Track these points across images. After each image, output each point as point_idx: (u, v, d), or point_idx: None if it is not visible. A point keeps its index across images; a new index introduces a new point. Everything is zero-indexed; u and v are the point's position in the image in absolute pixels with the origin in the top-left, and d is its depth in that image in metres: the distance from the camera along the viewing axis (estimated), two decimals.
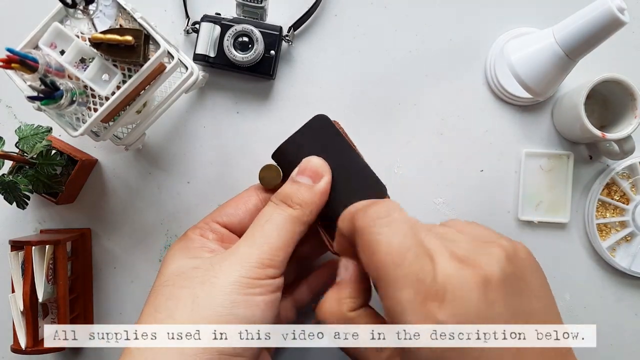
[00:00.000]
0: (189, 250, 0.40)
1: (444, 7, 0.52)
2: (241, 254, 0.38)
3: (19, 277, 0.46)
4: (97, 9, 0.38)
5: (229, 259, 0.37)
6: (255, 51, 0.48)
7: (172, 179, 0.52)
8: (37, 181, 0.45)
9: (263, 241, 0.38)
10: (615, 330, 0.52)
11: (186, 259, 0.39)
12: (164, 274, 0.39)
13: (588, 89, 0.46)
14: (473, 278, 0.30)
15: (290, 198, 0.40)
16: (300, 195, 0.40)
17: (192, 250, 0.40)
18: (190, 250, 0.40)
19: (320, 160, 0.41)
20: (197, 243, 0.41)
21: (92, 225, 0.52)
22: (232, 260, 0.37)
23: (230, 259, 0.37)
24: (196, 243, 0.41)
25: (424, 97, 0.52)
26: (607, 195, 0.52)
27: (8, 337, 0.48)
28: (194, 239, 0.41)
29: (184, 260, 0.39)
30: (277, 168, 0.43)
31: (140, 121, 0.46)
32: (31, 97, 0.36)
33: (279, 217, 0.39)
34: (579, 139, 0.51)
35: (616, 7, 0.39)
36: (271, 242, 0.38)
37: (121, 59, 0.38)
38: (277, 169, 0.43)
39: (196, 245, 0.41)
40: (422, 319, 0.30)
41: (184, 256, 0.40)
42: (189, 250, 0.40)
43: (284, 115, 0.52)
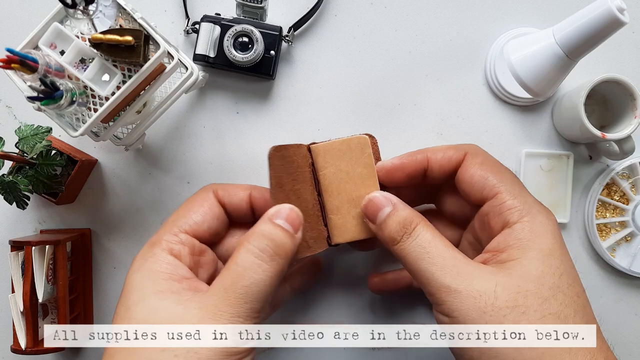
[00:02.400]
0: (156, 282, 0.36)
1: (444, 7, 0.52)
2: (222, 319, 0.34)
3: (19, 277, 0.46)
4: (97, 9, 0.38)
5: (206, 321, 0.34)
6: (255, 51, 0.48)
7: (172, 179, 0.52)
8: (37, 181, 0.45)
9: (247, 307, 0.35)
10: (615, 330, 0.52)
11: (155, 298, 0.35)
12: (128, 317, 0.35)
13: (588, 89, 0.46)
14: None
15: (281, 251, 0.37)
16: (284, 246, 0.37)
17: (160, 281, 0.36)
18: (157, 282, 0.36)
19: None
20: (165, 267, 0.37)
21: (92, 225, 0.52)
22: (211, 327, 0.34)
23: (208, 323, 0.34)
24: (164, 266, 0.37)
25: (424, 97, 0.52)
26: (607, 196, 0.52)
27: (8, 337, 0.48)
28: (162, 259, 0.37)
29: (152, 301, 0.35)
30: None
31: (140, 121, 0.46)
32: (31, 98, 0.36)
33: (262, 276, 0.35)
34: (579, 139, 0.51)
35: (616, 7, 0.39)
36: (254, 306, 0.35)
37: (121, 59, 0.38)
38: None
39: (164, 270, 0.37)
40: None
41: (151, 291, 0.36)
42: (156, 281, 0.36)
43: (284, 115, 0.52)
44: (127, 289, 0.37)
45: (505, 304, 0.34)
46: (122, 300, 0.36)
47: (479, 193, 0.40)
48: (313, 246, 0.42)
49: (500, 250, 0.37)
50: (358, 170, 0.42)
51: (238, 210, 0.43)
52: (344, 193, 0.42)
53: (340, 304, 0.52)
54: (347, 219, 0.42)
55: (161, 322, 0.34)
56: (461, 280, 0.35)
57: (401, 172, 0.42)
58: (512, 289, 0.34)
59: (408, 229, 0.38)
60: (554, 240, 0.37)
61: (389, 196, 0.40)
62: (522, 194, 0.39)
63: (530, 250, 0.36)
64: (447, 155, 0.42)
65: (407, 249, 0.38)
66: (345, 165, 0.42)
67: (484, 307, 0.34)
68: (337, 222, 0.43)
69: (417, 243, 0.37)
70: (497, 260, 0.37)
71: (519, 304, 0.34)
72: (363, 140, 0.42)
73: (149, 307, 0.35)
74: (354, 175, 0.42)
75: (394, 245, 0.38)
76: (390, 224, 0.39)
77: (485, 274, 0.35)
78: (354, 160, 0.42)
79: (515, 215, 0.37)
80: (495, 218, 0.38)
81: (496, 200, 0.38)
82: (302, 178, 0.42)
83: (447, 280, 0.35)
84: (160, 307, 0.35)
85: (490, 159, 0.41)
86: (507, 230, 0.37)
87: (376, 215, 0.40)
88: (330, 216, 0.43)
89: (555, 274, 0.35)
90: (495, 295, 0.34)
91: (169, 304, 0.35)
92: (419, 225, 0.38)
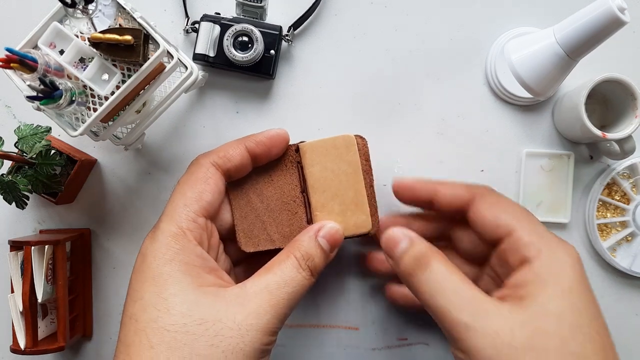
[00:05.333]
0: (193, 275, 0.37)
1: (444, 7, 0.52)
2: (265, 319, 0.36)
3: (19, 277, 0.46)
4: (96, 9, 0.38)
5: (250, 320, 0.35)
6: (255, 51, 0.48)
7: (172, 179, 0.52)
8: (37, 181, 0.45)
9: (286, 312, 0.38)
10: (615, 330, 0.52)
11: (195, 293, 0.36)
12: (166, 308, 0.35)
13: (589, 88, 0.46)
14: None
15: (315, 267, 0.40)
16: (320, 265, 0.40)
17: (197, 275, 0.37)
18: (194, 275, 0.37)
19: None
20: (196, 259, 0.38)
21: (92, 225, 0.52)
22: (251, 325, 0.36)
23: (252, 321, 0.36)
24: (196, 259, 0.38)
25: (424, 97, 0.52)
26: (607, 195, 0.52)
27: (7, 337, 0.48)
28: (191, 250, 0.38)
29: (192, 295, 0.36)
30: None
31: (140, 121, 0.46)
32: (30, 97, 0.36)
33: (301, 286, 0.39)
34: (580, 138, 0.51)
35: (616, 6, 0.39)
36: (288, 312, 0.38)
37: (120, 59, 0.38)
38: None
39: (198, 264, 0.38)
40: None
41: (190, 285, 0.36)
42: (192, 274, 0.37)
43: (284, 115, 0.52)
44: (160, 279, 0.36)
45: (522, 343, 0.33)
46: (154, 289, 0.36)
47: (493, 233, 0.40)
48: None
49: (519, 286, 0.37)
50: (343, 167, 0.43)
51: (240, 170, 0.43)
52: (329, 190, 0.43)
53: (340, 304, 0.52)
54: (331, 215, 0.43)
55: (205, 317, 0.35)
56: (477, 317, 0.35)
57: (410, 192, 0.44)
58: (530, 328, 0.34)
59: (423, 263, 0.38)
60: (574, 275, 0.36)
61: (406, 231, 0.40)
62: (538, 230, 0.38)
63: (549, 286, 0.35)
64: (456, 193, 0.42)
65: (422, 283, 0.37)
66: (331, 163, 0.43)
67: (500, 347, 0.33)
68: (322, 218, 0.44)
69: (432, 278, 0.37)
70: (516, 297, 0.36)
71: (537, 344, 0.33)
72: (349, 139, 0.43)
73: (190, 302, 0.36)
74: (339, 173, 0.43)
75: (410, 279, 0.38)
76: (406, 258, 0.39)
77: (503, 312, 0.35)
78: (340, 158, 0.43)
79: (533, 251, 0.37)
80: (512, 255, 0.38)
81: (512, 238, 0.38)
82: (283, 178, 0.44)
83: (463, 317, 0.35)
84: (202, 303, 0.36)
85: (501, 199, 0.41)
86: (526, 267, 0.37)
87: (394, 250, 0.40)
88: (316, 213, 0.44)
89: (574, 311, 0.35)
90: (512, 335, 0.33)
91: (210, 300, 0.36)
92: (434, 259, 0.38)
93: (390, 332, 0.52)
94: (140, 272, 0.38)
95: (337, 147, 0.43)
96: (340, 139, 0.43)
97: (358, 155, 0.43)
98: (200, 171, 0.41)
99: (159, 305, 0.35)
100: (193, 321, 0.35)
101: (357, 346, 0.52)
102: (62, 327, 0.46)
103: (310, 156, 0.44)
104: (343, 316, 0.52)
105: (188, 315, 0.35)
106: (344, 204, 0.43)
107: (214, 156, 0.42)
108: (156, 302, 0.36)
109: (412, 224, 0.46)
